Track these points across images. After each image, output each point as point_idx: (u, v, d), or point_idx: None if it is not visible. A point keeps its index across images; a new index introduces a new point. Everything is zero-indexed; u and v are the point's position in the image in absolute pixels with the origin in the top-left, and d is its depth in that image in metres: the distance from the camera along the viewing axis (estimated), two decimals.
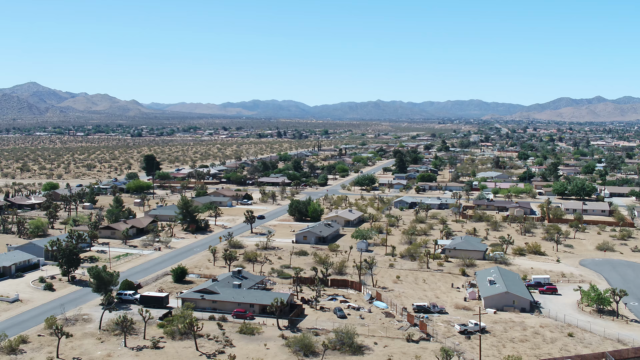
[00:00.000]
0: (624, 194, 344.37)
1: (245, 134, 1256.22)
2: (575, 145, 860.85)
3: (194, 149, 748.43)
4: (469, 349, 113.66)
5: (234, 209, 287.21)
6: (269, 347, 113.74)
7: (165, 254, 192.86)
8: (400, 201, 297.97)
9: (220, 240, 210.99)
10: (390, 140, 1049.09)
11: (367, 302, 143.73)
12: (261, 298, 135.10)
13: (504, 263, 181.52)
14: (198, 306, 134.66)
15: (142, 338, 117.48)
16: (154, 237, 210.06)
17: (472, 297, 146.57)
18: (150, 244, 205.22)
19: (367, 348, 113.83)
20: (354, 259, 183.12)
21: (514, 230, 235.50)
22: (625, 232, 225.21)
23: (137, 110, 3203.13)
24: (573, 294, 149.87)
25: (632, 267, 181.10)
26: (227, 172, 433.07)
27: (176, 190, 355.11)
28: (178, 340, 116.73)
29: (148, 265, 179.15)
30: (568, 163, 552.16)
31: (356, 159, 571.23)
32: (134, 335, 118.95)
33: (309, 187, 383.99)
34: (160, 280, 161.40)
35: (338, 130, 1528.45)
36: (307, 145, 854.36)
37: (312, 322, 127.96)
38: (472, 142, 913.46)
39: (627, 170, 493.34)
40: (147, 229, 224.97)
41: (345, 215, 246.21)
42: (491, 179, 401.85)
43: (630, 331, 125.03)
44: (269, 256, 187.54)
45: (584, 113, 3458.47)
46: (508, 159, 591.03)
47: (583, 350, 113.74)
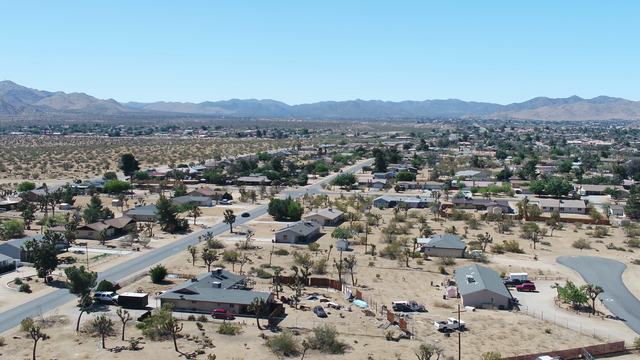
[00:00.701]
0: (600, 192, 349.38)
1: (225, 133, 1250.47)
2: (552, 144, 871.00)
3: (173, 149, 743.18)
4: (449, 347, 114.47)
5: (214, 209, 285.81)
6: (249, 347, 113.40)
7: (144, 254, 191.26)
8: (380, 200, 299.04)
9: (199, 240, 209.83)
10: (369, 139, 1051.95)
11: (347, 301, 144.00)
12: (241, 298, 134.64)
13: (482, 261, 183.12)
14: (177, 306, 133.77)
15: (120, 339, 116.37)
16: (133, 237, 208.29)
17: (451, 295, 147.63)
18: (128, 244, 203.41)
19: (348, 347, 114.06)
20: (334, 258, 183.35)
21: (493, 229, 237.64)
22: (600, 230, 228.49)
23: (115, 109, 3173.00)
24: (550, 291, 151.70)
25: (608, 264, 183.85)
26: (207, 172, 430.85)
27: (155, 190, 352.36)
28: (157, 341, 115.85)
29: (126, 265, 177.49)
30: (545, 162, 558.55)
31: (336, 158, 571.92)
32: (113, 336, 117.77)
33: (288, 187, 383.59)
34: (139, 281, 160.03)
35: (318, 129, 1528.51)
36: (287, 145, 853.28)
37: (292, 321, 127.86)
38: (450, 141, 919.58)
39: (602, 169, 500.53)
40: (125, 229, 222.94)
41: (325, 215, 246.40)
42: (470, 177, 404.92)
43: (606, 327, 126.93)
44: (249, 256, 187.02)
45: (561, 112, 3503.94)
46: (486, 158, 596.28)
47: (560, 346, 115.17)
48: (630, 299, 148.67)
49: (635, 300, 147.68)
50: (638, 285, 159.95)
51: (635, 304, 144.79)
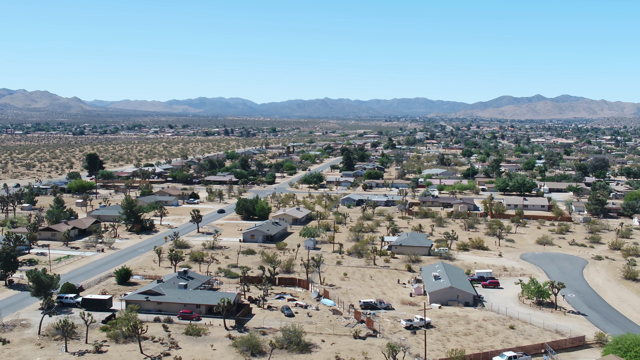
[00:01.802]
0: (562, 189, 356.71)
1: (192, 132, 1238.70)
2: (516, 143, 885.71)
3: (139, 148, 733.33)
4: (415, 344, 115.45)
5: (180, 208, 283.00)
6: (215, 348, 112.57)
7: (108, 255, 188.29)
8: (348, 198, 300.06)
9: (165, 240, 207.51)
10: (337, 137, 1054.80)
11: (314, 300, 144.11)
12: (208, 298, 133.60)
13: (448, 258, 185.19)
14: (143, 308, 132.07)
15: (84, 342, 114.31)
16: (97, 238, 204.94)
17: (417, 292, 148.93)
18: (93, 245, 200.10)
19: (315, 346, 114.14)
20: (301, 257, 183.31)
21: (458, 226, 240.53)
22: (563, 226, 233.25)
23: (79, 107, 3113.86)
24: (514, 287, 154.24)
25: (570, 260, 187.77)
26: (173, 171, 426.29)
27: (120, 189, 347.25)
28: (122, 343, 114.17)
29: (91, 267, 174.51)
30: (510, 160, 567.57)
31: (304, 156, 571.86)
32: (76, 339, 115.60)
33: (256, 186, 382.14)
34: (104, 283, 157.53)
35: (286, 128, 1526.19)
36: (255, 143, 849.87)
37: (259, 321, 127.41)
38: (417, 140, 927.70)
39: (565, 167, 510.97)
40: (89, 230, 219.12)
41: (293, 214, 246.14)
42: (436, 176, 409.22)
43: (567, 322, 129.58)
44: (215, 256, 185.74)
45: (525, 111, 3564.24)
46: (453, 156, 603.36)
47: (524, 342, 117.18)
48: (590, 294, 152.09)
49: (595, 295, 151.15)
50: (598, 281, 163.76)
51: (596, 299, 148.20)
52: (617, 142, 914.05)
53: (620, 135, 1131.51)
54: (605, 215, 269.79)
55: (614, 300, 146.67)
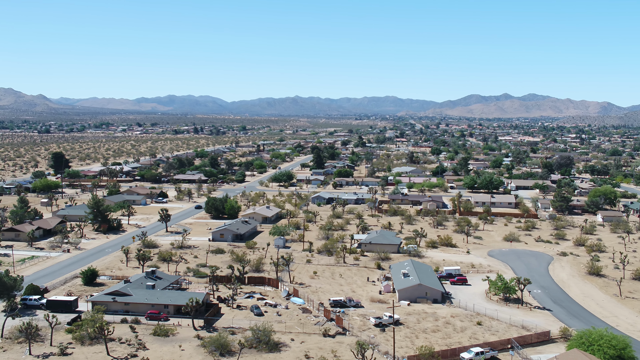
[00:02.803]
0: (529, 186, 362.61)
1: (161, 130, 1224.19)
2: (484, 141, 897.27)
3: (106, 146, 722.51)
4: (384, 342, 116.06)
5: (149, 208, 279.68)
6: (184, 349, 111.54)
7: (74, 256, 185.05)
8: (318, 197, 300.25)
9: (133, 240, 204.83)
10: (308, 136, 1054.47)
11: (284, 299, 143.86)
12: (176, 298, 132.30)
13: (417, 256, 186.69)
14: (110, 309, 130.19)
15: (48, 345, 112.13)
16: (63, 238, 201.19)
17: (387, 290, 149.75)
18: (58, 246, 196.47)
19: (284, 345, 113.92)
20: (271, 255, 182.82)
21: (427, 224, 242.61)
22: (529, 223, 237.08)
23: (45, 105, 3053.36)
24: (482, 283, 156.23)
25: (536, 256, 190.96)
26: (142, 170, 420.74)
27: (87, 189, 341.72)
28: (88, 345, 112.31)
29: (56, 268, 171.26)
30: (478, 158, 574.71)
31: (274, 155, 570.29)
32: (40, 342, 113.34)
33: (226, 184, 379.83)
34: (69, 284, 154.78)
35: (256, 126, 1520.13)
36: (225, 142, 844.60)
37: (228, 321, 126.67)
38: (387, 138, 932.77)
39: (531, 164, 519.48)
40: (55, 230, 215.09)
41: (262, 212, 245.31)
42: (406, 173, 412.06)
43: (533, 317, 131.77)
44: (184, 255, 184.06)
45: (493, 109, 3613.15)
46: (422, 154, 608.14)
47: (491, 337, 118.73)
48: (556, 289, 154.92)
49: (560, 290, 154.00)
50: (563, 277, 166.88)
51: (561, 294, 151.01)
52: (582, 140, 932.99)
53: (584, 133, 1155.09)
54: (570, 212, 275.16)
55: (578, 296, 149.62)
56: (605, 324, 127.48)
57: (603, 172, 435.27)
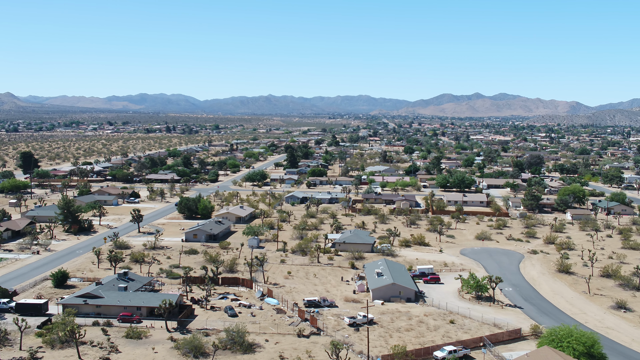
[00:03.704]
0: (500, 185, 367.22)
1: (132, 129, 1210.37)
2: (456, 140, 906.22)
3: (77, 145, 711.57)
4: (358, 341, 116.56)
5: (120, 208, 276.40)
6: (157, 351, 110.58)
7: (44, 258, 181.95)
8: (292, 196, 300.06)
9: (105, 241, 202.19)
10: (281, 135, 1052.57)
11: (258, 300, 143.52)
12: (149, 300, 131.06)
13: (391, 255, 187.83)
14: (81, 312, 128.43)
15: (17, 349, 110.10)
16: (32, 239, 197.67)
17: (360, 289, 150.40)
18: (27, 247, 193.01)
19: (259, 346, 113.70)
20: (245, 256, 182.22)
21: (401, 223, 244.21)
22: (501, 222, 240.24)
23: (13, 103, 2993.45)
24: (454, 282, 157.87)
25: (507, 254, 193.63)
26: (113, 169, 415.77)
27: (57, 189, 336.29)
28: (58, 349, 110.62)
29: (25, 270, 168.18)
30: (450, 157, 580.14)
31: (248, 154, 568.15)
32: (9, 346, 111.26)
33: (199, 184, 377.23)
34: (39, 286, 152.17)
35: (229, 125, 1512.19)
36: (198, 141, 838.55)
37: (202, 322, 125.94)
38: (361, 137, 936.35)
39: (502, 163, 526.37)
40: (24, 231, 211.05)
41: (236, 212, 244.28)
42: (379, 173, 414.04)
43: (505, 315, 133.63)
44: (157, 256, 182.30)
45: (465, 109, 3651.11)
46: (395, 153, 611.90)
47: (463, 335, 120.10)
48: (526, 287, 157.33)
49: (531, 288, 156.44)
50: (534, 274, 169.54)
51: (531, 292, 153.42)
52: (552, 139, 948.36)
53: (554, 132, 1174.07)
54: (541, 210, 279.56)
55: (548, 293, 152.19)
56: (574, 321, 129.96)
57: (572, 171, 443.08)
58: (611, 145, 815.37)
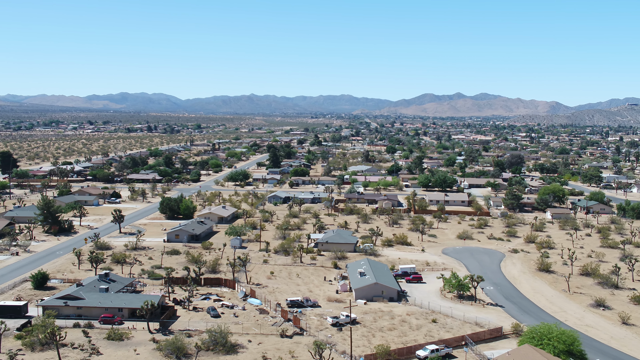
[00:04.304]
0: (481, 185, 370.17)
1: (113, 129, 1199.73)
2: (438, 139, 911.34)
3: (57, 145, 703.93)
4: (341, 341, 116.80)
5: (101, 208, 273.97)
6: (139, 353, 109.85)
7: (23, 259, 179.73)
8: (274, 196, 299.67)
9: (85, 241, 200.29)
10: (264, 134, 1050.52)
11: (241, 300, 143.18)
12: (130, 301, 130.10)
13: (373, 254, 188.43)
14: (61, 313, 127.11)
15: None
16: (11, 240, 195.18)
17: (343, 289, 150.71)
18: (6, 249, 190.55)
19: (241, 346, 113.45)
20: (227, 256, 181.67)
21: (383, 222, 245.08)
22: (482, 221, 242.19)
23: None
24: (436, 281, 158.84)
25: (488, 253, 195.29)
26: (94, 169, 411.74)
27: (36, 189, 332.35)
28: (39, 351, 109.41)
29: (4, 272, 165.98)
30: (432, 156, 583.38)
31: (230, 154, 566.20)
32: None
33: (181, 184, 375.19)
34: (18, 288, 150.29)
35: (211, 124, 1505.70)
36: (180, 140, 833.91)
37: (184, 323, 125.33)
38: (343, 137, 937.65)
39: (483, 163, 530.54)
40: (2, 233, 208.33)
41: (218, 212, 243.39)
42: (361, 172, 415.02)
43: (486, 314, 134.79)
44: (138, 257, 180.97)
45: (446, 108, 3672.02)
46: (377, 153, 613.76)
47: (445, 334, 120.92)
48: (507, 286, 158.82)
49: (512, 287, 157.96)
50: (515, 273, 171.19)
51: (512, 290, 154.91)
52: (532, 139, 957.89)
53: (534, 132, 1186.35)
54: (521, 209, 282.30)
55: (528, 292, 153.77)
56: (554, 319, 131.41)
57: (552, 170, 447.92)
58: (590, 145, 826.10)
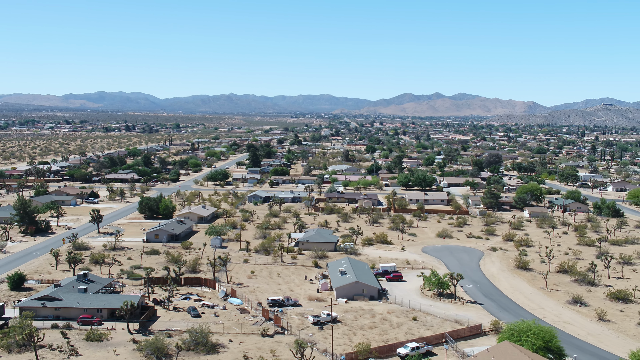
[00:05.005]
0: (460, 184, 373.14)
1: (91, 128, 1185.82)
2: (417, 139, 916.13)
3: (33, 144, 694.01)
4: (322, 340, 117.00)
5: (79, 208, 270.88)
6: (118, 353, 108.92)
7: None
8: (254, 195, 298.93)
9: (63, 242, 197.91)
10: (243, 134, 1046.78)
11: (221, 300, 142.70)
12: (110, 302, 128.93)
13: (354, 253, 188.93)
14: (39, 315, 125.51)
15: None
16: None
17: (324, 288, 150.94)
18: None
19: (222, 346, 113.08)
20: (208, 256, 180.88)
21: (363, 221, 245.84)
22: (461, 220, 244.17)
23: None
24: (417, 279, 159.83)
25: (468, 251, 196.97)
26: (71, 169, 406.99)
27: (12, 189, 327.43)
28: (16, 353, 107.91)
29: None
30: (411, 156, 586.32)
31: (209, 153, 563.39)
32: None
33: (160, 183, 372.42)
34: None
35: (190, 124, 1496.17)
36: (158, 140, 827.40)
37: (165, 323, 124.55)
38: (323, 136, 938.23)
39: (462, 162, 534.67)
40: None
41: (198, 212, 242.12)
42: (341, 172, 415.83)
43: (466, 312, 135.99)
44: (117, 257, 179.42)
45: (425, 108, 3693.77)
46: (357, 152, 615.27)
47: (426, 332, 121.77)
48: (486, 284, 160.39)
49: (491, 285, 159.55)
50: (493, 271, 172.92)
51: (491, 288, 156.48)
52: (510, 138, 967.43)
53: (512, 132, 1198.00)
54: (499, 208, 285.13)
55: (507, 289, 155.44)
56: (533, 316, 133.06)
57: (529, 170, 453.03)
58: (566, 145, 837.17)
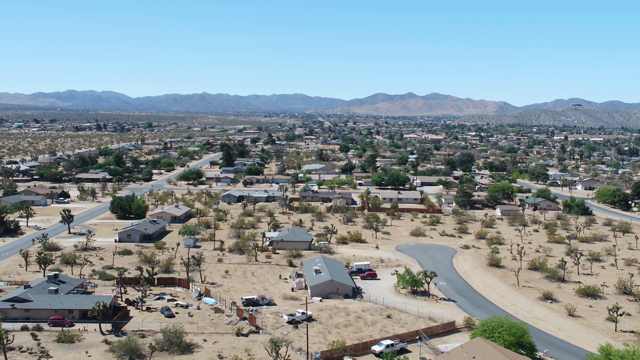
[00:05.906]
0: (433, 183, 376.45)
1: (61, 127, 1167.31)
2: (390, 138, 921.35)
3: (0, 143, 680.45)
4: (297, 338, 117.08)
5: (49, 208, 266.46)
6: (91, 355, 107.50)
7: None
8: (228, 195, 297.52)
9: (33, 242, 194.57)
10: (217, 133, 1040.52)
11: (195, 299, 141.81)
12: (81, 302, 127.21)
13: (328, 252, 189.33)
14: (8, 316, 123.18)
15: None
16: None
17: (299, 287, 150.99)
18: None
19: (197, 346, 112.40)
20: (181, 255, 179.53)
21: (337, 220, 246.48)
22: (434, 218, 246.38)
23: None
24: (391, 278, 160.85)
25: (441, 249, 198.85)
26: (40, 169, 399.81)
27: None
28: None
29: None
30: (385, 155, 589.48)
31: (182, 152, 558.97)
32: None
33: (132, 183, 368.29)
34: None
35: (163, 123, 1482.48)
36: (130, 139, 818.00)
37: (138, 324, 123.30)
38: (297, 136, 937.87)
39: (435, 161, 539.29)
40: None
41: (171, 211, 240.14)
42: (315, 171, 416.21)
43: (439, 309, 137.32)
44: (89, 257, 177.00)
45: (398, 108, 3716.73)
46: (331, 152, 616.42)
47: (400, 330, 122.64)
48: (459, 281, 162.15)
49: (464, 282, 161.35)
50: (466, 269, 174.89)
51: (464, 285, 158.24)
52: (481, 138, 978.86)
53: (483, 131, 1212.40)
54: (472, 206, 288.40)
55: (480, 286, 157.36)
56: (505, 312, 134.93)
57: (501, 169, 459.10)
58: (537, 144, 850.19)
